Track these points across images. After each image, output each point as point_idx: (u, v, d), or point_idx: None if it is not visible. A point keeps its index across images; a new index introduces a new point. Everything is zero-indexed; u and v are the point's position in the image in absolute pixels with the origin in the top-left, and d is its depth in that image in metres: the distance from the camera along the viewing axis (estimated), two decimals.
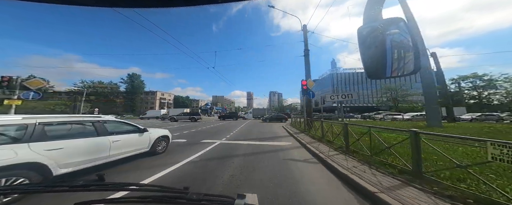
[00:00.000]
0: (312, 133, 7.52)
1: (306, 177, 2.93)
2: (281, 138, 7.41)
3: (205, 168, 3.45)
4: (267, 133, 9.46)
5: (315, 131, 7.35)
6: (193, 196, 0.65)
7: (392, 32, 1.97)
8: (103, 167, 3.17)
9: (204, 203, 0.64)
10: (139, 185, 0.75)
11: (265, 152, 4.84)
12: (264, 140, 6.94)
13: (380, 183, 2.51)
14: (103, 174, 0.75)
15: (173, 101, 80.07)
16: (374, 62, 2.12)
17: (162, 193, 0.72)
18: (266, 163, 3.75)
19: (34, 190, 0.67)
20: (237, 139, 7.13)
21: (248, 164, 3.62)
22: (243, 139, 7.26)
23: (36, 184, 0.66)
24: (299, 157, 4.32)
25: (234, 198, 0.65)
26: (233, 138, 7.41)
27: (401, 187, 2.39)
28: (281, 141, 6.59)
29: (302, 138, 6.79)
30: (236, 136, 8.08)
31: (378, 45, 2.14)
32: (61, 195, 1.98)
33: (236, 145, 5.91)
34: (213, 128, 12.46)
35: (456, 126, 10.79)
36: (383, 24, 1.92)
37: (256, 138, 7.37)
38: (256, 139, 7.09)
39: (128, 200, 0.69)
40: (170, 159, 4.00)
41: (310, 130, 8.42)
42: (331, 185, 2.68)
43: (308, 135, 7.40)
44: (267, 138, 7.39)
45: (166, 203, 0.69)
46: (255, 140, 6.95)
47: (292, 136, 7.69)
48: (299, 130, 9.44)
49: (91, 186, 0.69)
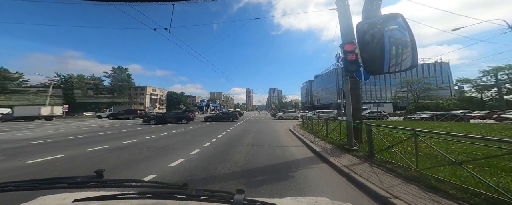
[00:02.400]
0: (380, 157, 3.75)
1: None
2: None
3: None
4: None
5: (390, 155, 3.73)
6: (192, 192, 0.69)
7: (390, 28, 2.12)
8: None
9: (203, 199, 0.67)
10: (138, 182, 0.79)
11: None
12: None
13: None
14: (101, 171, 0.78)
15: (166, 98, 79.64)
16: (372, 57, 2.27)
17: (161, 189, 0.77)
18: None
19: (30, 187, 0.68)
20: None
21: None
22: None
23: (32, 181, 0.70)
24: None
25: (234, 193, 0.67)
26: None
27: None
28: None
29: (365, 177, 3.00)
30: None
31: (376, 41, 2.29)
32: (62, 192, 2.00)
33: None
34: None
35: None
36: (381, 19, 2.07)
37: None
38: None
39: (128, 196, 0.72)
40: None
41: (361, 146, 4.64)
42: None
43: (362, 159, 3.87)
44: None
45: (166, 199, 0.74)
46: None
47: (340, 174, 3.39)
48: (332, 144, 5.49)
49: (90, 183, 0.72)
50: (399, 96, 41.36)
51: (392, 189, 2.55)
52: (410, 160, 3.22)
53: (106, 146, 6.02)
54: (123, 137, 8.30)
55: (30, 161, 4.40)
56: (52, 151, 5.32)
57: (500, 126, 9.92)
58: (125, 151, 5.40)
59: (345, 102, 4.98)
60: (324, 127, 7.08)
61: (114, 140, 7.40)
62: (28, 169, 3.93)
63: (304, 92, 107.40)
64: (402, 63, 2.18)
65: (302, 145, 6.15)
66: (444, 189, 2.41)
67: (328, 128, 6.75)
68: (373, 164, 3.59)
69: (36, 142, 7.04)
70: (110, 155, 4.97)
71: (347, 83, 4.77)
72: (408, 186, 2.62)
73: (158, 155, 4.79)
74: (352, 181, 2.99)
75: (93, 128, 13.06)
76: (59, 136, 8.80)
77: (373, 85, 60.73)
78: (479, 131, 7.89)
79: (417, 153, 3.05)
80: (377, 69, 2.53)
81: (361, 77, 4.87)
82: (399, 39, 2.12)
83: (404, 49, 2.15)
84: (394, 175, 3.04)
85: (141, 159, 4.50)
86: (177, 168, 3.73)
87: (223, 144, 6.27)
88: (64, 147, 6.07)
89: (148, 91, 70.26)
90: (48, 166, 4.06)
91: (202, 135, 8.52)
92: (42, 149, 5.79)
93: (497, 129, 8.61)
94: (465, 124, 12.87)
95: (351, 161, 3.90)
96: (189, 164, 4.01)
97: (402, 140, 3.97)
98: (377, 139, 4.38)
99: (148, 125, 14.81)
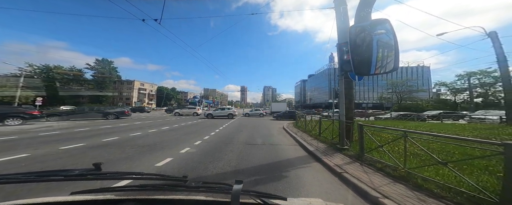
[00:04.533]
0: (369, 157, 3.83)
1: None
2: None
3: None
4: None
5: (379, 155, 3.84)
6: (192, 184, 0.70)
7: (378, 32, 2.18)
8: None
9: (203, 190, 0.68)
10: (138, 174, 0.78)
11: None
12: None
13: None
14: (100, 163, 0.76)
15: (156, 93, 76.48)
16: (361, 59, 2.33)
17: (161, 181, 0.76)
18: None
19: (27, 180, 0.66)
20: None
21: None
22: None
23: (29, 174, 0.67)
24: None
25: (232, 185, 0.68)
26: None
27: None
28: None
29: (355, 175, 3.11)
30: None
31: (366, 44, 2.35)
32: (57, 184, 1.92)
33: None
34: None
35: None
36: (371, 24, 2.13)
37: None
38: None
39: (127, 188, 0.72)
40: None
41: (352, 145, 4.80)
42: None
43: (353, 159, 3.98)
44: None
45: (166, 191, 0.76)
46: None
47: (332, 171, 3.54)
48: (324, 143, 5.60)
49: (88, 175, 0.70)
50: (384, 97, 43.47)
51: (382, 188, 2.63)
52: (398, 159, 3.35)
53: (84, 144, 5.52)
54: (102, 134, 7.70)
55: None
56: (16, 150, 4.71)
57: (471, 126, 11.15)
58: (104, 149, 4.94)
59: (338, 101, 5.03)
60: (317, 126, 7.22)
61: (93, 137, 6.87)
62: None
63: (297, 91, 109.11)
64: (386, 66, 2.27)
65: (295, 143, 6.23)
66: (430, 188, 2.53)
67: (321, 127, 6.89)
68: (363, 164, 3.70)
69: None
70: (86, 154, 4.46)
71: (342, 83, 4.85)
72: (396, 186, 2.72)
73: (141, 154, 4.50)
74: (344, 181, 3.05)
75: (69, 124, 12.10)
76: (27, 132, 7.96)
77: (362, 86, 63.39)
78: (454, 131, 8.55)
79: (406, 152, 3.17)
80: (364, 70, 2.62)
81: (355, 77, 4.96)
82: (385, 42, 2.22)
83: (389, 52, 2.25)
84: (383, 174, 3.15)
85: (123, 158, 4.15)
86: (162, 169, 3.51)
87: (215, 142, 6.15)
88: (32, 144, 5.39)
89: (136, 85, 66.94)
90: (10, 166, 3.55)
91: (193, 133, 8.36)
92: (2, 147, 5.09)
93: (468, 128, 9.65)
94: (440, 124, 13.98)
95: (343, 160, 3.99)
96: (178, 163, 3.81)
97: (391, 140, 4.11)
98: (367, 138, 4.53)
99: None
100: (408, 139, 3.20)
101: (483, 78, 29.06)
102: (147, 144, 5.61)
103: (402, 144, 3.41)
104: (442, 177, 2.77)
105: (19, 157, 4.11)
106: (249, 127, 11.31)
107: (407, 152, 3.24)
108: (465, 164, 3.26)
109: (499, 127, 10.16)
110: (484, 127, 10.58)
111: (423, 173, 2.88)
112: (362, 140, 4.08)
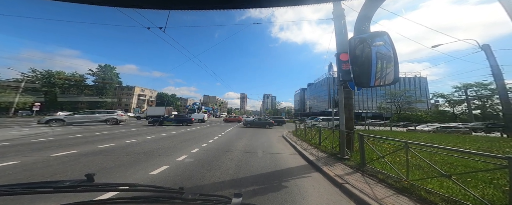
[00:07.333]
0: (371, 167, 3.78)
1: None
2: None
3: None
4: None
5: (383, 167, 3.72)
6: (188, 196, 0.68)
7: (377, 43, 2.25)
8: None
9: (200, 203, 0.66)
10: (132, 185, 0.75)
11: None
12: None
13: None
14: (92, 174, 0.74)
15: (155, 99, 76.49)
16: (361, 71, 2.39)
17: (156, 193, 0.73)
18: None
19: (14, 192, 0.62)
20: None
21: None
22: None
23: (16, 185, 0.63)
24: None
25: (231, 198, 0.66)
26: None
27: None
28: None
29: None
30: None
31: (365, 55, 2.41)
32: (46, 196, 1.81)
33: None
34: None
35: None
36: (370, 36, 2.22)
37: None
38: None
39: (120, 200, 0.68)
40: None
41: (352, 155, 4.76)
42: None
43: (354, 169, 3.89)
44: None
45: (161, 204, 0.72)
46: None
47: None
48: (325, 153, 5.48)
49: (79, 187, 0.67)
50: (383, 107, 43.61)
51: (384, 200, 2.54)
52: (400, 170, 3.28)
53: (77, 151, 5.31)
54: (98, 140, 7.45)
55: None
56: (4, 157, 4.49)
57: (472, 138, 11.01)
58: (99, 157, 4.75)
59: (338, 111, 5.01)
60: (317, 135, 7.15)
61: (88, 144, 6.66)
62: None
63: (297, 99, 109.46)
64: (386, 77, 2.31)
65: (295, 152, 6.15)
66: (435, 201, 2.45)
67: (321, 136, 6.82)
68: (365, 174, 3.61)
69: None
70: (78, 162, 4.29)
71: (341, 92, 4.85)
72: (400, 198, 2.63)
73: (136, 162, 4.36)
74: (346, 192, 2.95)
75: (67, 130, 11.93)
76: (20, 139, 7.58)
77: (361, 95, 63.85)
78: (455, 143, 8.48)
79: (408, 164, 3.11)
80: (364, 81, 2.65)
81: (354, 87, 4.92)
82: (384, 54, 2.28)
83: (388, 64, 2.30)
84: (386, 185, 3.06)
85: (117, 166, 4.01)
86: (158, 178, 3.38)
87: (214, 149, 6.01)
88: (23, 151, 5.15)
89: (136, 91, 67.18)
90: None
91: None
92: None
93: (469, 140, 9.53)
94: (441, 135, 13.89)
95: (344, 170, 3.89)
96: (174, 171, 3.70)
97: (393, 151, 4.05)
98: (367, 148, 4.45)
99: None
100: (409, 150, 3.15)
101: (479, 90, 29.46)
102: (143, 151, 5.50)
103: (404, 155, 3.35)
104: (446, 189, 2.70)
105: (6, 164, 3.92)
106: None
107: (409, 164, 3.18)
108: (469, 177, 3.19)
109: (499, 140, 10.10)
110: (485, 139, 10.52)
111: (427, 185, 2.81)
112: (363, 150, 4.02)
